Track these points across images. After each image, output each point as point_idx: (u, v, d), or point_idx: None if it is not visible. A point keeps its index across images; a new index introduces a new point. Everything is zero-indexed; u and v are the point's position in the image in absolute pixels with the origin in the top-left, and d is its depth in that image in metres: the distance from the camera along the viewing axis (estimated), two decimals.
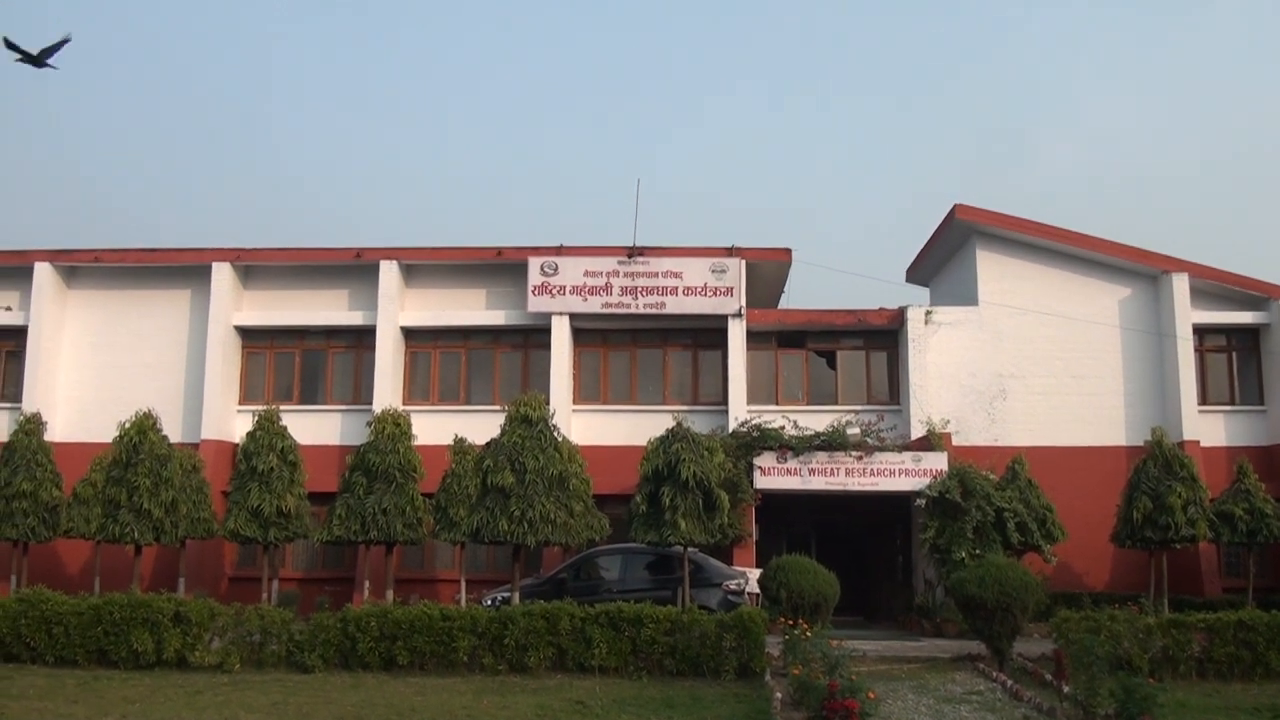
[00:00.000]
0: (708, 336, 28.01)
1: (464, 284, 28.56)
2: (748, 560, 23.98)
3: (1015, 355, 27.30)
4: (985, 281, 27.72)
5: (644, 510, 19.36)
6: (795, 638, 16.09)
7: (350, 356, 28.75)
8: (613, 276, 27.46)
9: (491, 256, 28.01)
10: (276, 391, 28.42)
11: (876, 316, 27.73)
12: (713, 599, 20.36)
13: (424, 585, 25.80)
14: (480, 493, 19.09)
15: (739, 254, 27.50)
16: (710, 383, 28.04)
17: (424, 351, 28.60)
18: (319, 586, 26.00)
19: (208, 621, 17.62)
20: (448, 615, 17.27)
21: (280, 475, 21.90)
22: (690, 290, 27.30)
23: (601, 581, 21.39)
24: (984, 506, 23.24)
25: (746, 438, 24.83)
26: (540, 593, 20.49)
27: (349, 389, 28.55)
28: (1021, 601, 17.54)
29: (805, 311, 28.04)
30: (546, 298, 27.46)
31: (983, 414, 26.96)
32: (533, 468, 18.60)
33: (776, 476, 24.44)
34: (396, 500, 21.64)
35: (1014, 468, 24.17)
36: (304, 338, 28.90)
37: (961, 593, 18.02)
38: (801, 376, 28.17)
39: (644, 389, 28.14)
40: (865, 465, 24.41)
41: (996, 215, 27.83)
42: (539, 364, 27.93)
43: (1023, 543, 23.20)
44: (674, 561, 20.87)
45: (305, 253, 28.62)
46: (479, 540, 19.17)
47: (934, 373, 27.06)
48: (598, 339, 28.34)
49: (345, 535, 21.56)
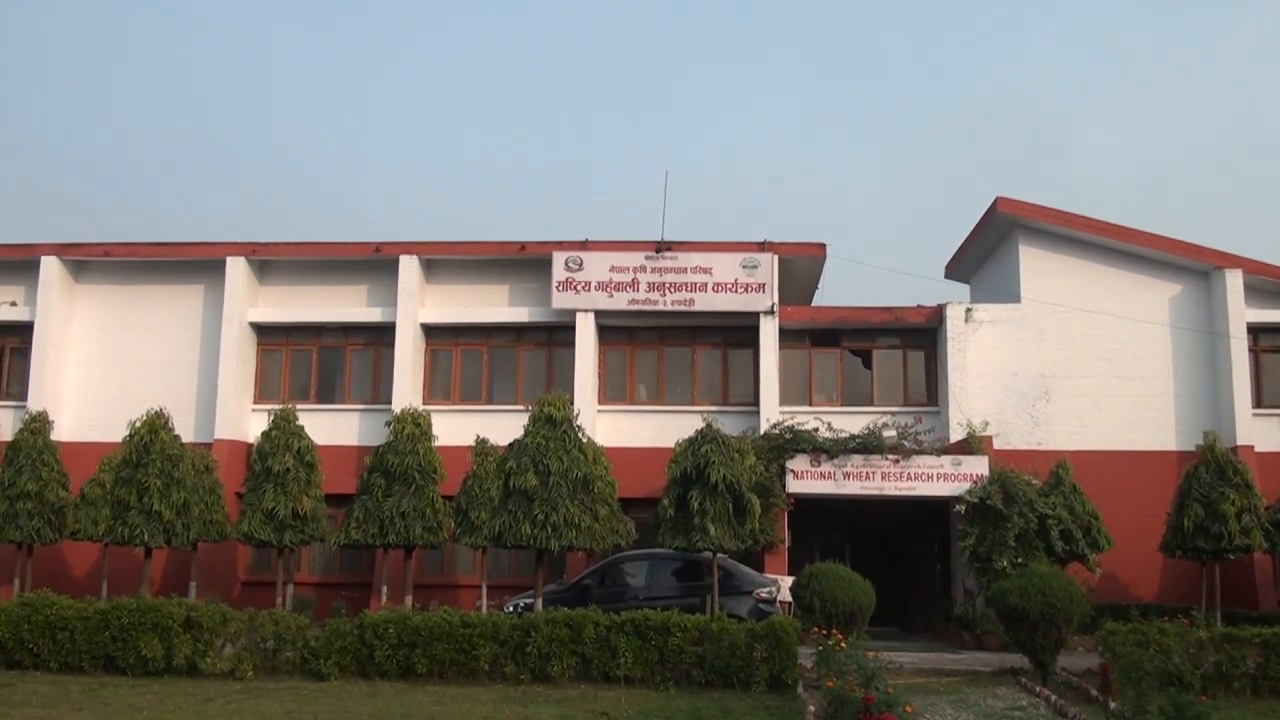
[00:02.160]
0: (738, 335, 27.96)
1: (486, 280, 28.62)
2: (779, 567, 23.93)
3: (1059, 355, 27.14)
4: (1028, 278, 27.57)
5: (672, 515, 19.31)
6: (829, 648, 16.00)
7: (369, 354, 28.83)
8: (640, 272, 27.45)
9: (514, 251, 28.04)
10: (293, 390, 28.53)
11: (914, 314, 27.62)
12: (743, 607, 20.32)
13: (444, 591, 25.84)
14: (502, 495, 19.09)
15: (771, 249, 27.45)
16: (741, 383, 27.99)
17: (445, 349, 28.64)
18: (335, 591, 26.12)
19: (220, 627, 17.65)
20: (468, 622, 17.24)
21: (296, 476, 21.96)
22: (720, 286, 27.26)
23: (627, 588, 21.38)
24: (1026, 513, 23.15)
25: (779, 440, 24.79)
26: (564, 599, 20.49)
27: (367, 388, 28.63)
28: (1066, 613, 17.43)
29: (840, 309, 27.95)
30: (571, 294, 27.47)
31: (1025, 416, 26.81)
32: (557, 470, 18.59)
33: (810, 480, 24.39)
34: (416, 503, 21.67)
35: (1058, 473, 24.06)
36: (321, 335, 29.01)
37: (1003, 603, 17.92)
38: (836, 376, 28.10)
39: (672, 389, 28.12)
40: (902, 469, 24.37)
41: (1040, 208, 27.66)
42: (563, 362, 27.95)
43: (1067, 551, 23.07)
44: (702, 568, 20.83)
45: (323, 247, 28.72)
46: (501, 545, 19.14)
47: (974, 373, 26.93)
48: (624, 337, 28.33)
49: (363, 539, 21.59)
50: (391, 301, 28.20)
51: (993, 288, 29.39)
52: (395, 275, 28.14)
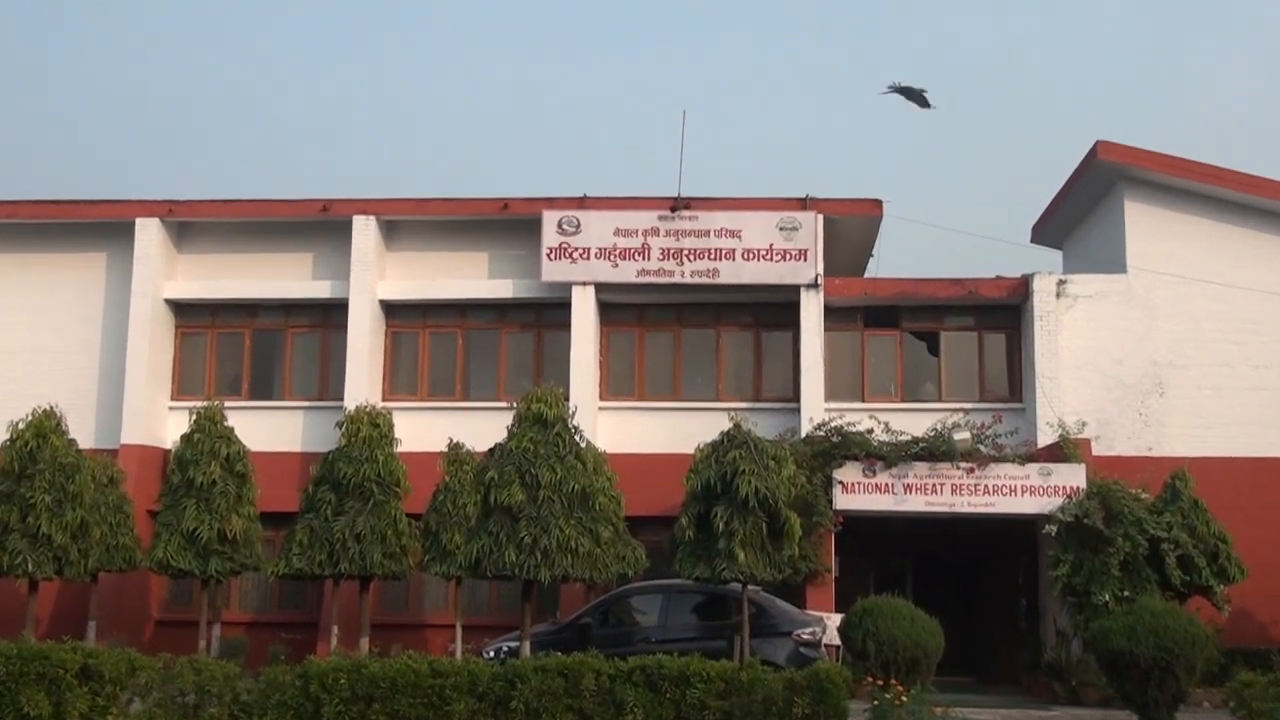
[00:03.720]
0: (774, 313, 27.94)
1: (460, 246, 28.64)
2: (825, 603, 23.90)
3: (1176, 338, 27.10)
4: (1136, 241, 27.54)
5: (691, 537, 19.27)
6: (887, 703, 15.98)
7: (315, 338, 28.88)
8: (651, 235, 27.38)
9: (495, 210, 28.03)
10: (220, 383, 28.57)
11: (993, 287, 27.54)
12: (780, 652, 20.29)
13: (409, 632, 25.86)
14: (481, 513, 19.05)
15: (815, 206, 27.38)
16: (777, 373, 27.98)
17: (409, 332, 28.66)
18: (273, 633, 26.07)
19: (125, 678, 17.55)
20: (439, 671, 17.16)
21: (224, 490, 21.95)
22: (752, 253, 27.18)
23: (636, 628, 21.39)
24: (1134, 535, 23.12)
25: (824, 444, 24.77)
26: (558, 642, 20.39)
27: (313, 380, 28.68)
28: (1186, 659, 17.38)
29: (900, 281, 27.94)
30: (565, 263, 27.43)
31: (1132, 414, 26.78)
32: (548, 482, 18.55)
33: (863, 494, 24.38)
34: (374, 522, 21.65)
35: (1174, 485, 24.04)
36: (255, 314, 29.03)
37: (1106, 647, 17.85)
38: (895, 365, 28.11)
39: (691, 381, 28.12)
40: (978, 480, 24.34)
41: (1151, 155, 27.60)
42: (556, 348, 27.97)
43: (1186, 582, 23.03)
44: (729, 603, 20.82)
45: (257, 206, 28.73)
46: (479, 575, 19.10)
47: (1068, 360, 26.89)
48: (631, 316, 28.34)
49: (307, 568, 21.59)
50: (343, 273, 28.18)
51: (1091, 254, 29.32)
52: (348, 240, 28.10)
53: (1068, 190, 29.95)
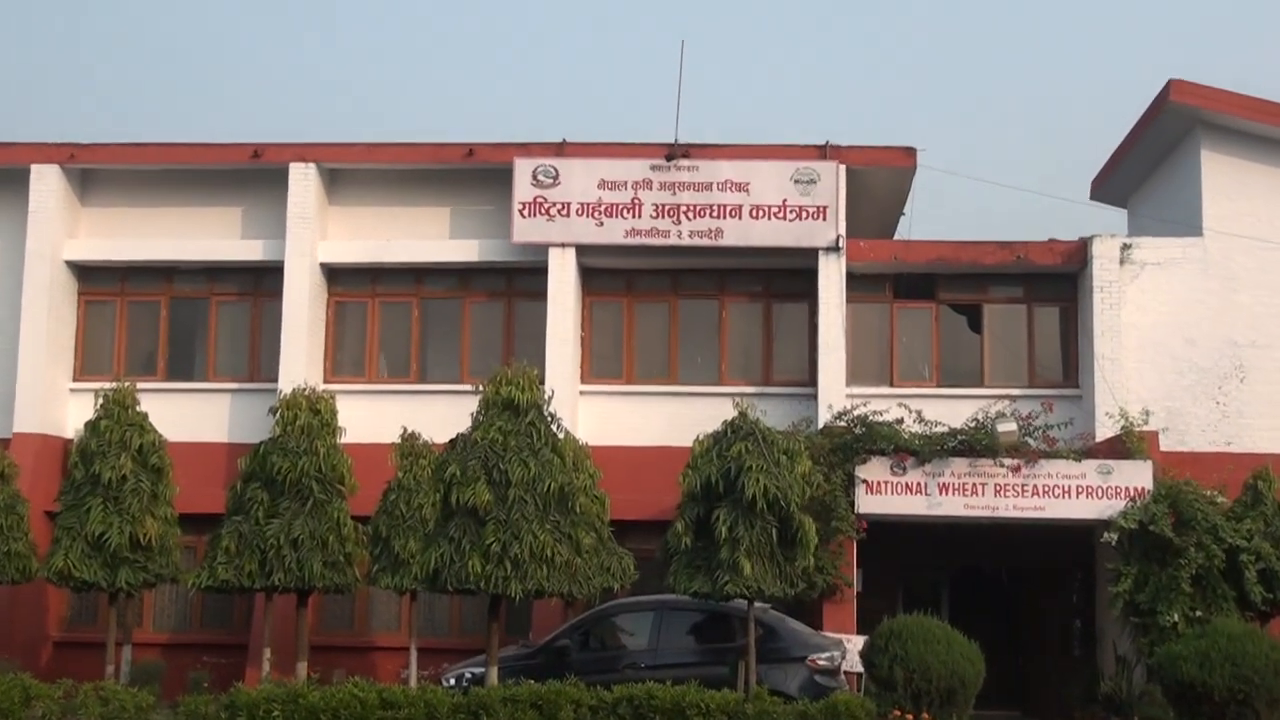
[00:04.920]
0: (788, 281, 27.97)
1: (417, 200, 28.59)
2: (845, 623, 23.92)
3: (1260, 313, 27.05)
4: (1214, 198, 27.47)
5: (688, 545, 19.33)
6: None
7: (244, 308, 28.86)
8: (643, 189, 27.34)
9: (459, 158, 27.98)
10: (131, 361, 28.53)
11: (1045, 252, 27.53)
12: (792, 680, 20.32)
13: (354, 655, 25.90)
14: (441, 516, 19.11)
15: (836, 156, 27.33)
16: (791, 351, 28.03)
17: (356, 301, 28.68)
18: (194, 656, 26.16)
19: (19, 709, 17.66)
20: (390, 701, 17.27)
21: (137, 488, 21.94)
22: (761, 211, 27.15)
23: (623, 652, 21.44)
24: (1209, 545, 23.04)
25: (845, 436, 24.73)
26: (530, 668, 20.39)
27: (242, 358, 28.66)
28: (1268, 691, 17.42)
29: (936, 244, 27.89)
30: (542, 221, 27.39)
31: (1208, 403, 26.78)
32: (520, 479, 18.60)
33: (890, 496, 24.37)
34: (314, 526, 21.61)
35: (1256, 486, 23.92)
36: (173, 279, 28.96)
37: (1174, 676, 17.91)
38: (929, 343, 28.12)
39: (689, 360, 28.14)
40: (1025, 480, 24.31)
41: (1233, 97, 27.44)
42: (530, 321, 27.96)
43: (1270, 601, 23.02)
44: (733, 623, 20.86)
45: (175, 150, 28.62)
46: (438, 588, 19.17)
47: (1133, 339, 26.86)
48: (619, 284, 28.37)
49: (235, 579, 21.53)
50: (278, 231, 28.08)
51: (1161, 214, 29.28)
52: (283, 192, 27.97)
53: (1134, 138, 29.83)
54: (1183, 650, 18.12)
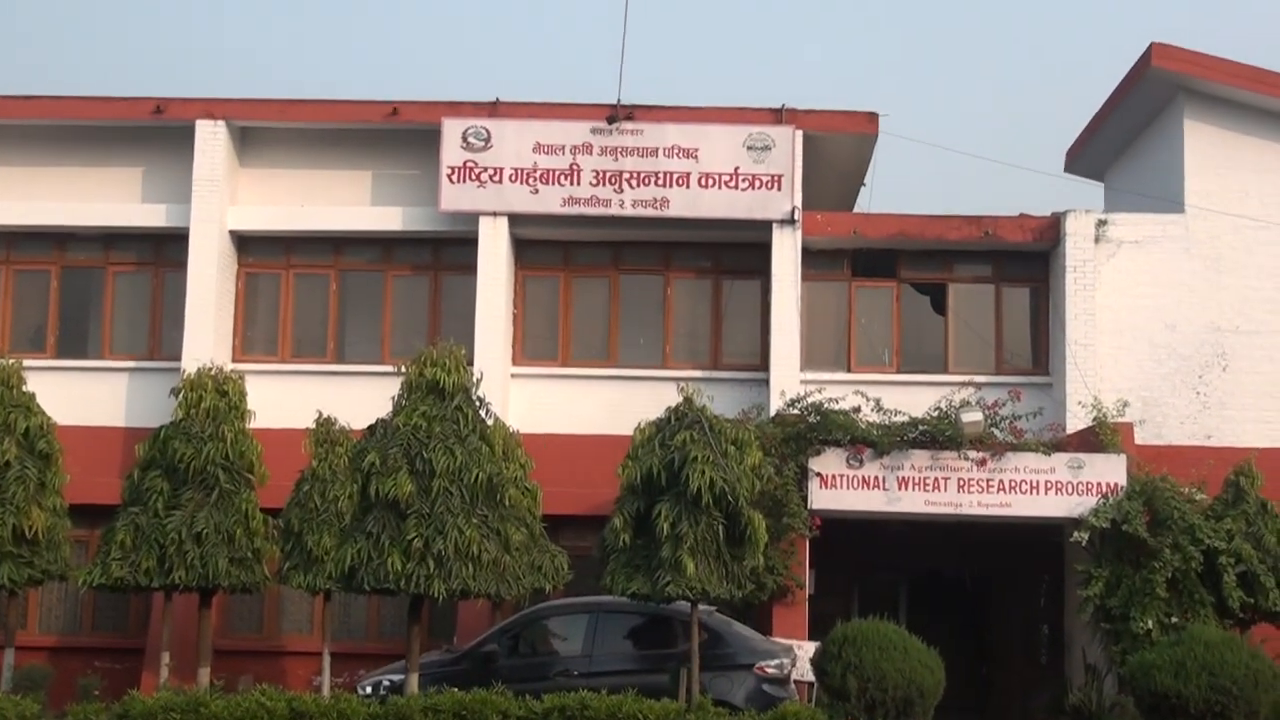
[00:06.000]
0: (739, 256, 28.06)
1: (336, 164, 28.46)
2: (796, 627, 23.97)
3: (1246, 296, 27.19)
4: (1197, 172, 27.58)
5: (627, 543, 19.34)
6: None
7: (144, 279, 28.70)
8: (583, 154, 27.31)
9: (382, 117, 27.84)
10: (17, 336, 28.37)
11: (1015, 228, 27.65)
12: (738, 689, 20.39)
13: (263, 660, 25.85)
14: (359, 509, 19.10)
15: (792, 120, 27.34)
16: (741, 333, 28.10)
17: (268, 273, 28.59)
18: (85, 661, 26.03)
19: None
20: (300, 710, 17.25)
21: (22, 476, 21.73)
22: (711, 179, 27.16)
23: (555, 658, 21.46)
24: (1186, 546, 23.07)
25: (798, 426, 24.74)
26: (454, 675, 20.47)
27: (141, 334, 28.50)
28: (1247, 702, 17.54)
29: (899, 218, 27.94)
30: (471, 187, 27.33)
31: (1188, 393, 26.93)
32: (445, 469, 18.61)
33: (846, 491, 24.41)
34: (219, 519, 21.44)
35: (1238, 483, 23.96)
36: (65, 247, 28.80)
37: (1148, 686, 17.99)
38: (890, 325, 28.20)
39: (630, 341, 28.18)
40: (991, 475, 24.37)
41: (1221, 63, 27.53)
42: (458, 297, 27.91)
43: (1250, 606, 23.09)
44: (675, 628, 20.94)
45: (69, 105, 28.33)
46: (355, 588, 19.16)
47: (1108, 323, 26.98)
48: (556, 257, 28.36)
49: (131, 577, 21.34)
50: (183, 195, 27.88)
51: (1140, 188, 29.45)
52: (189, 153, 27.79)
53: (1113, 106, 29.93)
54: (1157, 659, 18.19)
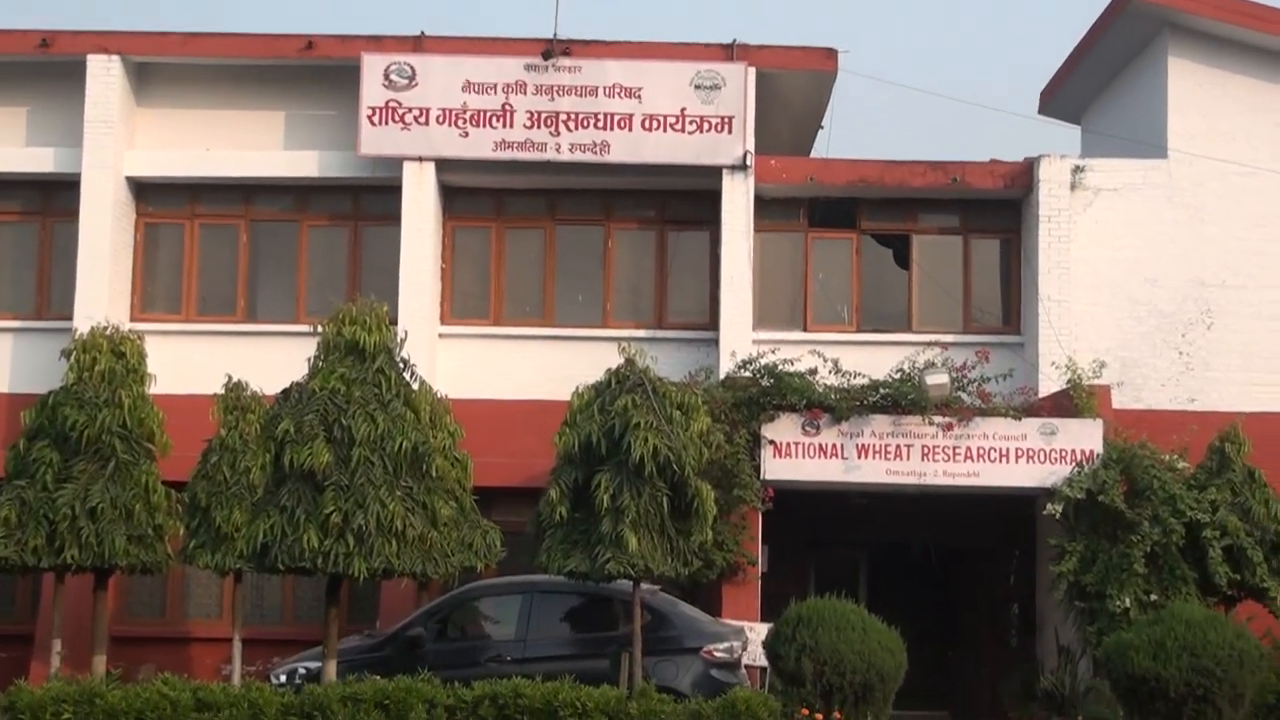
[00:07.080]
0: (686, 205, 28.12)
1: (245, 103, 28.33)
2: (748, 608, 24.11)
3: (1233, 248, 27.29)
4: (1181, 115, 27.67)
5: (564, 516, 19.29)
6: None
7: (31, 231, 28.69)
8: (516, 93, 27.23)
9: (296, 52, 27.69)
10: None
11: (985, 174, 27.70)
12: (685, 674, 20.45)
13: (166, 647, 25.84)
14: (272, 482, 19.10)
15: (744, 57, 27.32)
16: (688, 289, 28.20)
17: (170, 224, 28.50)
18: None
19: None
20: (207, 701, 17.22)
21: None
22: (656, 121, 27.16)
23: (486, 643, 21.52)
24: (1166, 518, 23.21)
25: (750, 389, 24.80)
26: (376, 661, 20.47)
27: (27, 290, 28.50)
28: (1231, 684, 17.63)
29: (859, 164, 27.94)
30: (395, 129, 27.25)
31: (1169, 353, 27.05)
32: (366, 437, 18.62)
33: (802, 460, 24.51)
34: (116, 493, 21.31)
35: (1223, 449, 24.07)
36: None
37: (1125, 668, 18.08)
38: (849, 280, 28.27)
39: (568, 298, 28.22)
40: (957, 441, 24.49)
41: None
42: (380, 249, 27.93)
43: (1235, 582, 23.22)
44: (615, 609, 21.01)
45: None
46: (267, 568, 19.20)
47: (1084, 277, 27.09)
48: (487, 207, 28.37)
49: (17, 556, 21.20)
50: (74, 138, 27.74)
51: (1120, 131, 29.52)
52: (80, 91, 27.59)
53: (1090, 42, 29.97)
54: (1134, 639, 18.26)
